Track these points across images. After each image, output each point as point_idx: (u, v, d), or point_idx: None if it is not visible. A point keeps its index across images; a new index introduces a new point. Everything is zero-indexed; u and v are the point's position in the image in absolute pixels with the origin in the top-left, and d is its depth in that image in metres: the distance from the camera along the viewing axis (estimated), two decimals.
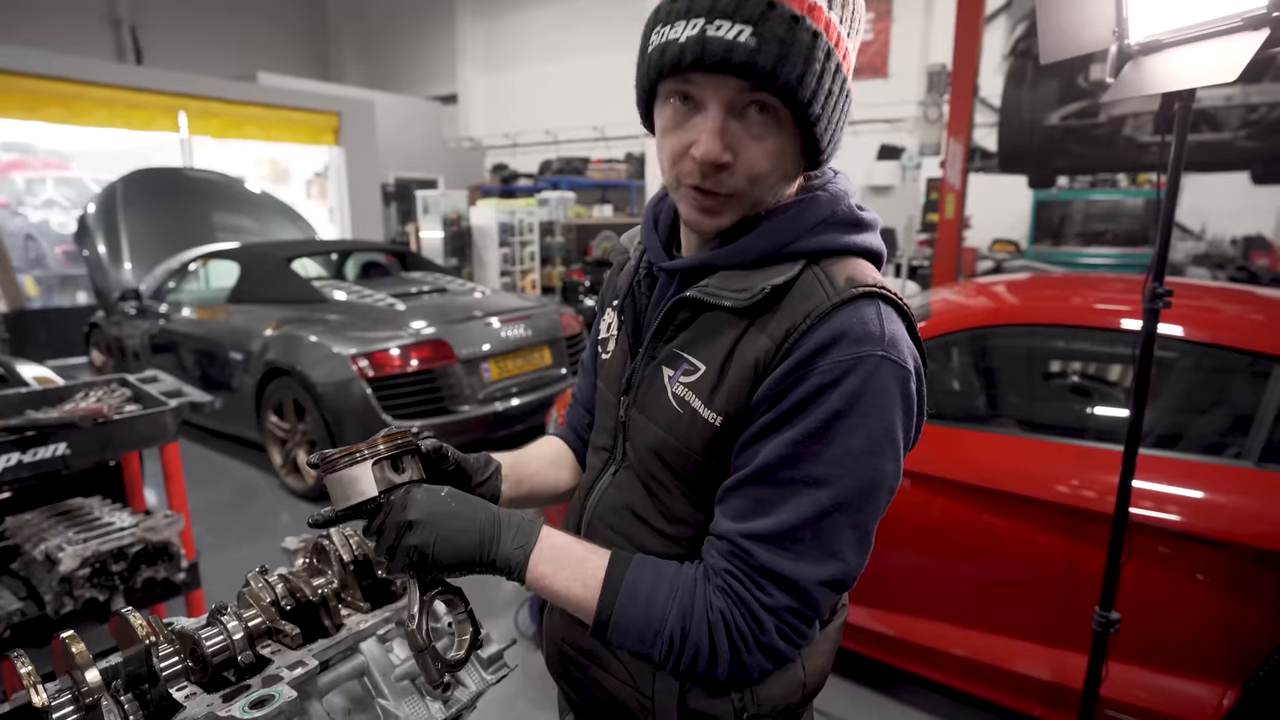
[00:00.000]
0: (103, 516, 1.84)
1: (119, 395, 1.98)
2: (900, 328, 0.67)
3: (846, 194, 0.75)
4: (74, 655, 0.78)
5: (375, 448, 0.71)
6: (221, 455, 4.48)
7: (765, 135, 0.65)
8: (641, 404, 0.79)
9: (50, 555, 1.61)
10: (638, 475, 0.80)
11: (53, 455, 1.62)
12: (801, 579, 0.66)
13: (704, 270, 0.75)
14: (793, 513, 0.65)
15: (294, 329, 3.81)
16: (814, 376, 0.64)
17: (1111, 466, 1.76)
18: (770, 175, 0.68)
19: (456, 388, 3.66)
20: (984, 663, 1.94)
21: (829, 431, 0.64)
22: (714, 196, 0.68)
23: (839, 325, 0.65)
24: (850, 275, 0.69)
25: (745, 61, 0.60)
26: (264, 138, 8.98)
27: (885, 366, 0.64)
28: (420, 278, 4.97)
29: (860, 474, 0.65)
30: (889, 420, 0.65)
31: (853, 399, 0.64)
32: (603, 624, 0.70)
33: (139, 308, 4.89)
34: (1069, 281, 2.74)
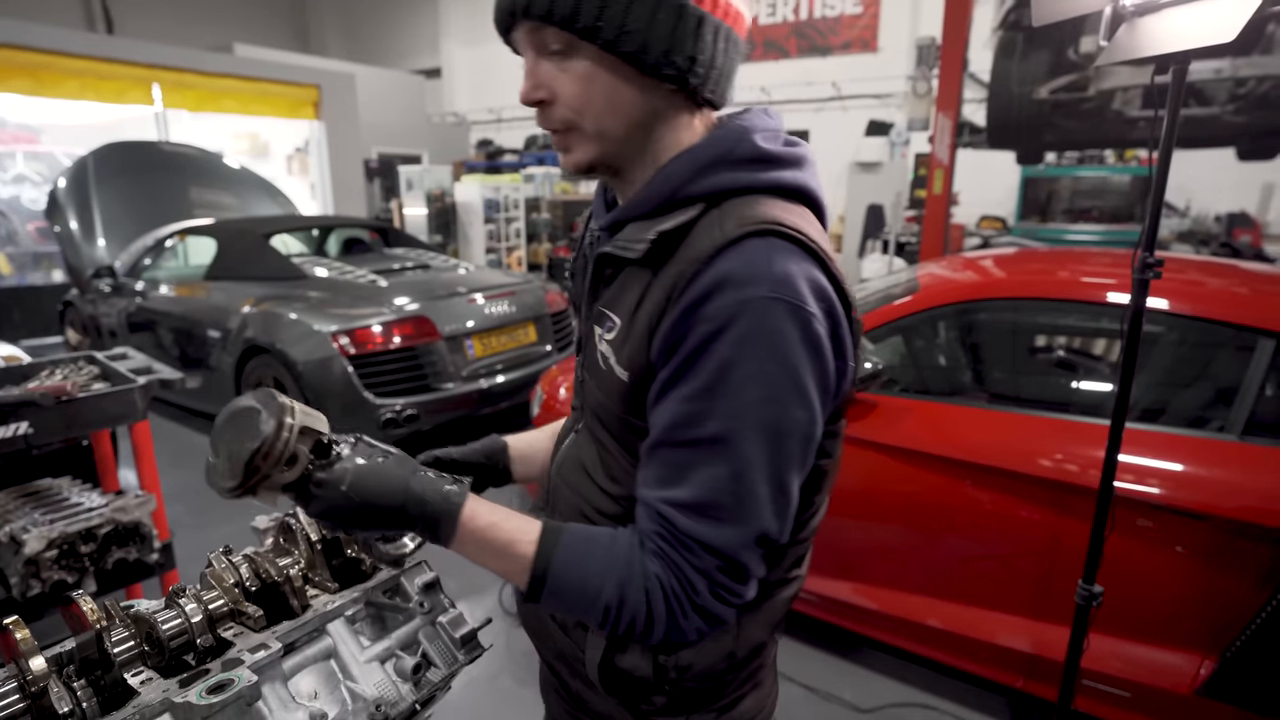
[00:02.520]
0: (71, 497, 1.80)
1: (86, 373, 1.92)
2: (798, 265, 0.63)
3: (751, 130, 0.70)
4: (18, 642, 0.74)
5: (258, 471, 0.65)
6: (200, 435, 4.42)
7: (568, 65, 0.67)
8: (587, 364, 0.79)
9: (15, 537, 1.56)
10: (591, 432, 0.81)
11: (14, 434, 1.57)
12: (725, 544, 0.64)
13: (621, 224, 0.74)
14: (705, 479, 0.64)
15: (273, 306, 3.74)
16: (700, 326, 0.62)
17: (1095, 440, 1.75)
18: (595, 104, 0.67)
19: (440, 365, 3.61)
20: (966, 635, 1.95)
21: (723, 384, 0.62)
22: (557, 134, 0.71)
23: (723, 268, 0.62)
24: (744, 214, 0.65)
25: (511, 8, 0.66)
26: (242, 111, 8.76)
27: (776, 307, 0.61)
28: (403, 254, 4.89)
29: (763, 426, 0.62)
30: (789, 365, 0.62)
31: (742, 346, 0.61)
32: (536, 592, 0.69)
33: (114, 285, 4.78)
34: (1055, 256, 2.73)
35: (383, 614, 0.96)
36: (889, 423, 2.01)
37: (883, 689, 2.17)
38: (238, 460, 0.64)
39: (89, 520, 1.63)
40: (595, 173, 0.74)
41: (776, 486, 0.64)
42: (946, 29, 4.91)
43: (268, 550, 0.99)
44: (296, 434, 0.65)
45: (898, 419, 2.01)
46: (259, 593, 0.92)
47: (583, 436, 0.82)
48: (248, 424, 0.64)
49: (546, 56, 0.67)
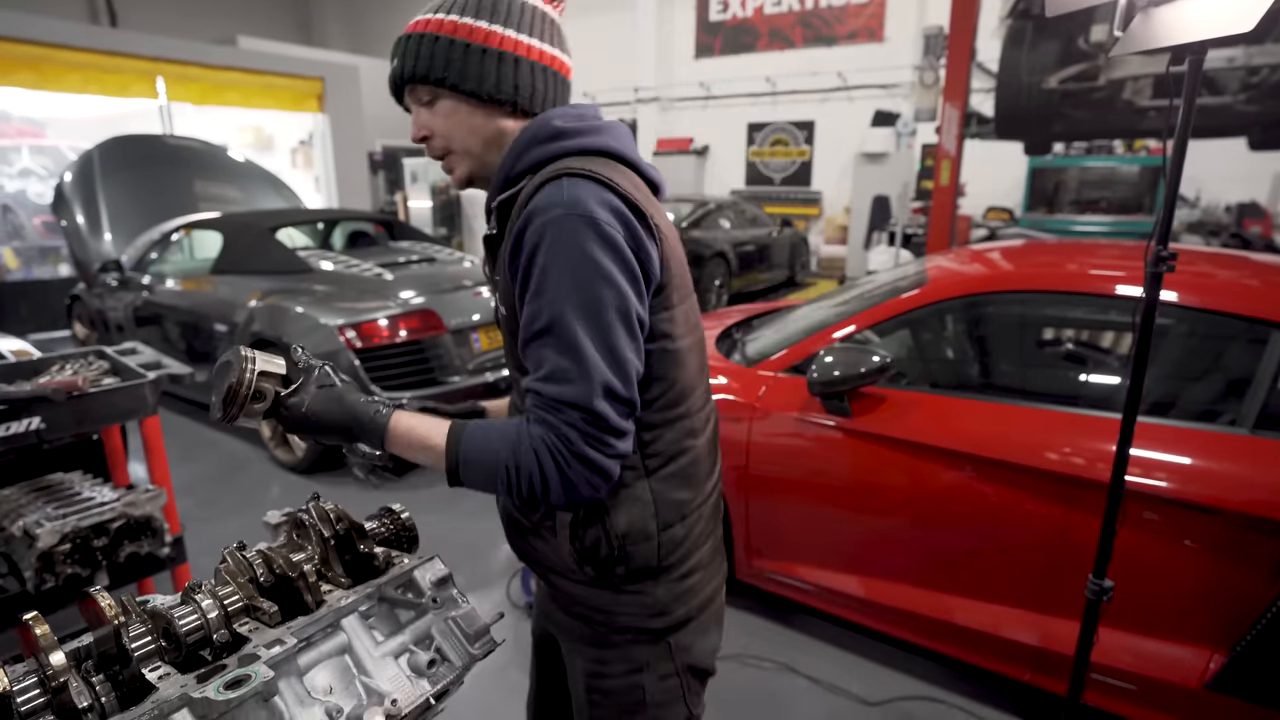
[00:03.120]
0: (83, 492, 1.81)
1: (96, 368, 1.93)
2: (586, 191, 0.83)
3: (551, 117, 0.92)
4: (38, 637, 0.75)
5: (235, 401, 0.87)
6: (210, 428, 4.44)
7: (434, 108, 0.93)
8: (501, 326, 1.01)
9: (29, 531, 1.57)
10: (516, 380, 1.02)
11: (26, 429, 1.57)
12: (578, 398, 0.82)
13: (491, 214, 0.96)
14: (551, 355, 0.83)
15: (280, 300, 3.74)
16: (523, 249, 0.84)
17: (1104, 434, 1.75)
18: (456, 132, 0.93)
19: (446, 358, 3.61)
20: (974, 629, 1.95)
21: (544, 282, 0.83)
22: (441, 159, 0.97)
23: (532, 206, 0.84)
24: (551, 170, 0.86)
25: (396, 75, 0.94)
26: (246, 104, 8.76)
27: (570, 220, 0.82)
28: (408, 247, 4.88)
29: (579, 304, 0.82)
30: (588, 258, 0.81)
31: (549, 252, 0.82)
32: (453, 477, 0.88)
33: (121, 279, 4.79)
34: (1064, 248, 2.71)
35: (396, 609, 0.96)
36: (896, 416, 2.01)
37: (890, 682, 2.17)
38: (219, 397, 0.88)
39: (101, 515, 1.64)
40: (474, 184, 0.98)
41: (605, 348, 0.83)
42: (954, 18, 4.87)
43: (281, 545, 1.00)
44: (256, 378, 0.88)
45: (905, 412, 2.01)
46: (273, 588, 0.92)
47: (515, 389, 1.04)
48: (226, 372, 0.88)
49: (423, 106, 0.94)
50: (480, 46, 0.91)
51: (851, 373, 1.97)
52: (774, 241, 8.93)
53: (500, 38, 0.91)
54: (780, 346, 2.38)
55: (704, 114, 12.58)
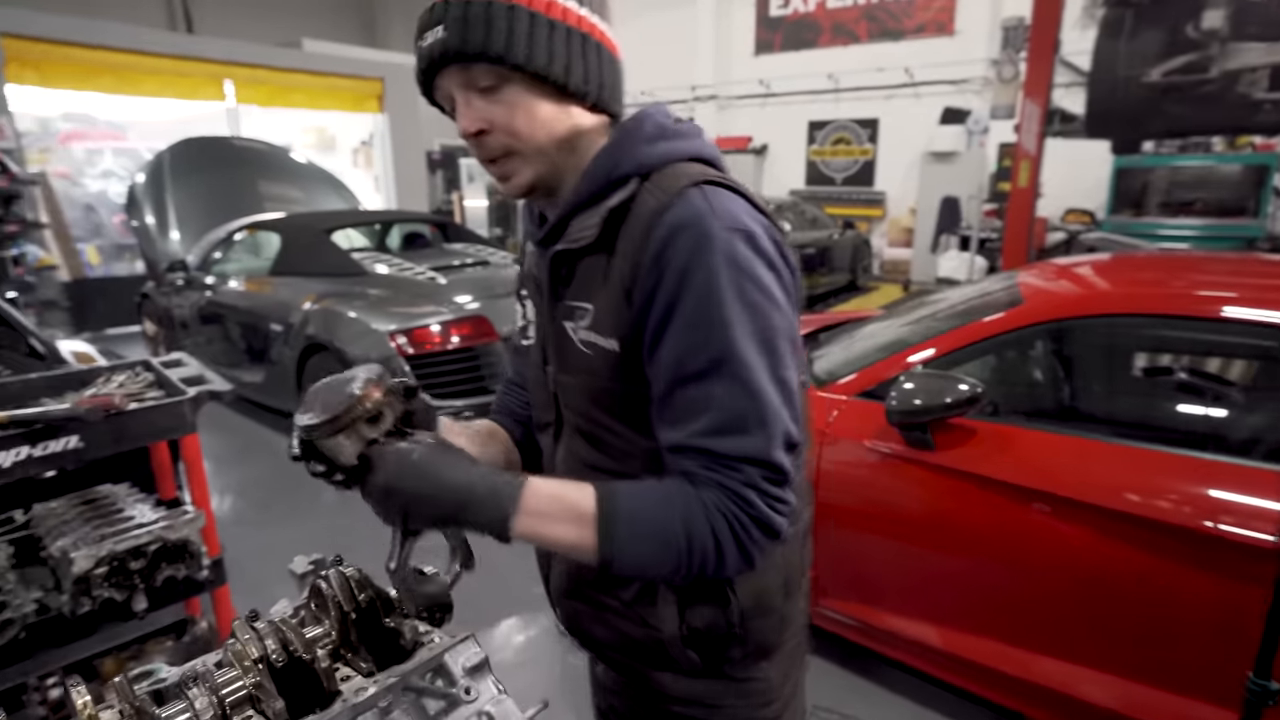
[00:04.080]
0: (125, 509, 1.76)
1: (142, 380, 1.88)
2: (735, 203, 0.72)
3: (648, 115, 0.80)
4: None
5: (353, 411, 0.68)
6: (268, 429, 4.49)
7: (497, 95, 0.74)
8: (561, 364, 0.83)
9: (65, 554, 1.52)
10: (580, 431, 0.84)
11: (64, 449, 1.52)
12: (760, 451, 0.70)
13: (562, 226, 0.80)
14: (721, 400, 0.70)
15: (333, 303, 3.73)
16: (670, 269, 0.70)
17: (1243, 484, 1.51)
18: (526, 127, 0.75)
19: (498, 366, 3.53)
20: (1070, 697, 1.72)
21: (705, 310, 0.69)
22: (495, 162, 0.78)
23: (674, 217, 0.71)
24: (675, 176, 0.74)
25: (443, 49, 0.72)
26: (309, 105, 8.94)
27: (729, 235, 0.70)
28: (462, 249, 4.84)
29: (753, 335, 0.69)
30: (755, 279, 0.70)
31: (711, 274, 0.69)
32: (608, 559, 0.71)
33: (186, 279, 4.90)
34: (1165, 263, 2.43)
35: (423, 698, 0.83)
36: (986, 452, 1.80)
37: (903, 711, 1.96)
38: (332, 404, 0.68)
39: (137, 539, 1.58)
40: (535, 193, 0.80)
41: (780, 385, 0.71)
42: (1037, 8, 4.53)
43: (299, 615, 0.88)
44: (389, 395, 0.71)
45: (996, 448, 1.80)
46: (285, 668, 0.81)
47: (571, 441, 0.86)
48: (346, 380, 0.70)
49: (477, 92, 0.74)
50: (558, 23, 0.73)
51: (936, 402, 1.77)
52: (835, 244, 8.62)
53: (577, 16, 0.75)
54: (852, 368, 2.19)
55: (763, 112, 12.29)
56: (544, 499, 0.70)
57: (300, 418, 0.68)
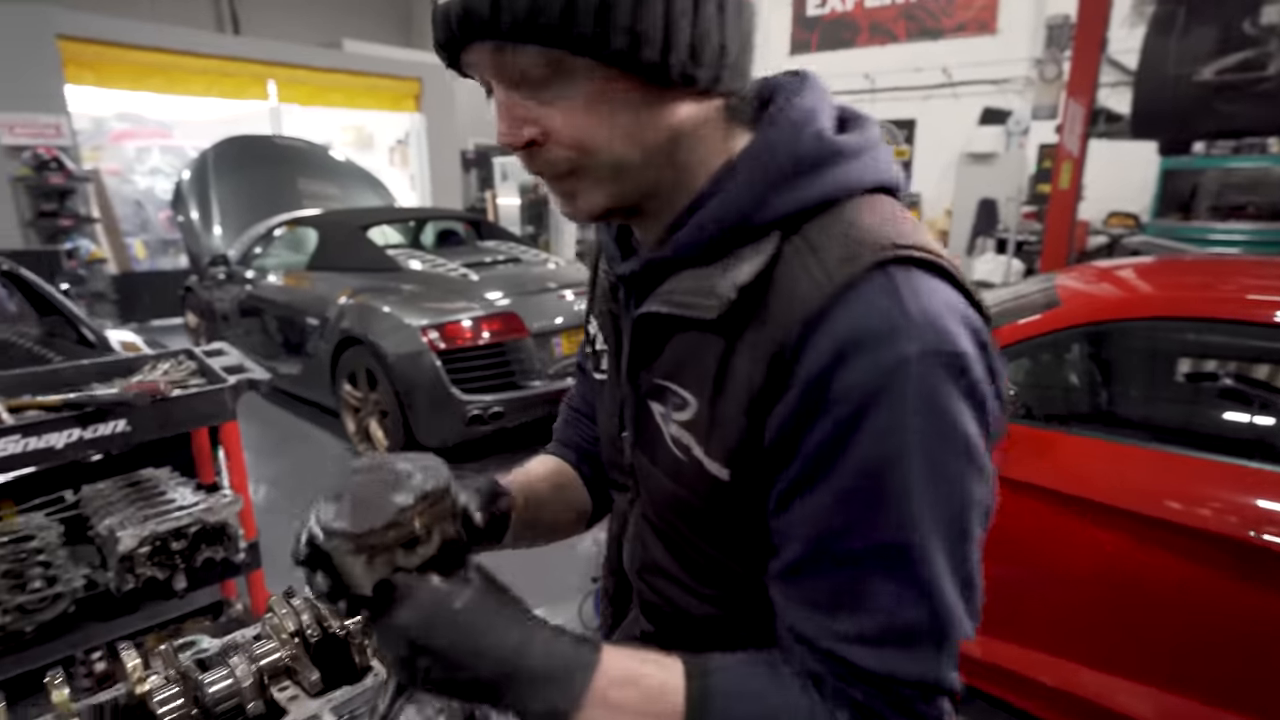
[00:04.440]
0: (168, 492, 1.82)
1: (185, 368, 1.94)
2: (938, 295, 0.48)
3: (810, 116, 0.54)
4: (55, 705, 0.67)
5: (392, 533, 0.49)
6: (305, 420, 4.59)
7: (553, 90, 0.50)
8: (643, 445, 0.63)
9: (112, 533, 1.58)
10: (655, 527, 0.65)
11: (113, 432, 1.58)
12: (925, 673, 0.49)
13: (661, 271, 0.57)
14: (883, 601, 0.48)
15: (368, 298, 3.80)
16: (833, 409, 0.47)
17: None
18: (604, 134, 0.50)
19: (527, 362, 3.56)
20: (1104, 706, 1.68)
21: (880, 478, 0.47)
22: (557, 181, 0.55)
23: (847, 327, 0.47)
24: (844, 242, 0.50)
25: (466, 19, 0.47)
26: (348, 105, 9.13)
27: (932, 366, 0.46)
28: (494, 247, 4.90)
29: (943, 519, 0.48)
30: (958, 434, 0.48)
31: (898, 428, 0.47)
32: None
33: (228, 272, 5.03)
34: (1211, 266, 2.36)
35: None
36: (1020, 457, 1.76)
37: None
38: (368, 513, 0.49)
39: (179, 520, 1.63)
40: (610, 217, 0.58)
41: (964, 581, 0.50)
42: (1084, 5, 4.42)
43: None
44: (445, 518, 0.52)
45: (1031, 453, 1.76)
46: (320, 643, 0.83)
47: (645, 528, 0.66)
48: (394, 482, 0.51)
49: (518, 87, 0.50)
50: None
51: None
52: None
53: None
54: None
55: None
56: (617, 684, 0.50)
57: (324, 512, 0.49)
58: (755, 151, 0.54)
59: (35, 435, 1.48)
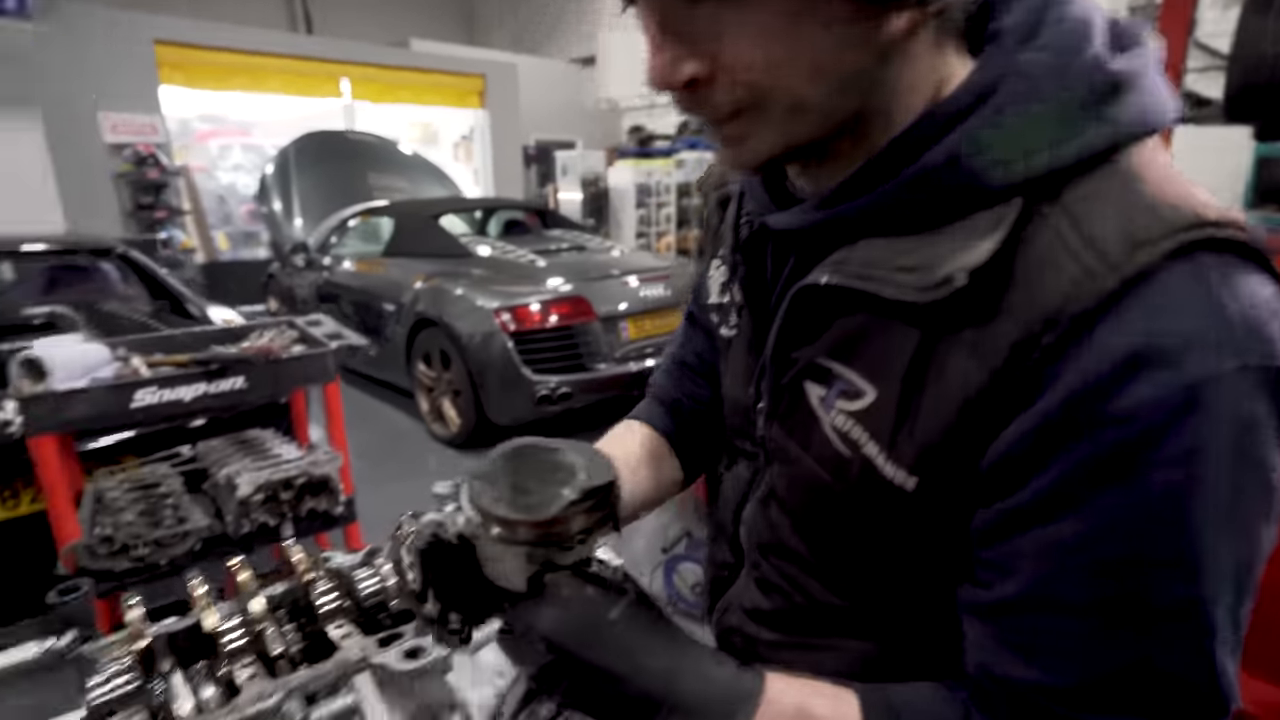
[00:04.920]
0: (274, 448, 1.97)
1: (288, 336, 2.09)
2: (1260, 294, 0.38)
3: (1080, 40, 0.41)
4: (241, 584, 0.77)
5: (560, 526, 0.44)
6: (376, 400, 4.80)
7: (740, 14, 0.40)
8: (787, 424, 0.55)
9: (230, 480, 1.72)
10: (788, 508, 0.58)
11: (232, 388, 1.72)
12: None
13: (837, 232, 0.47)
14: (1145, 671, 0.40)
15: (442, 282, 3.95)
16: (1109, 431, 0.37)
17: None
18: (793, 59, 0.40)
19: (594, 345, 3.65)
20: None
21: (1165, 518, 0.38)
22: (721, 124, 0.45)
23: (1139, 330, 0.36)
24: (1126, 213, 0.38)
25: None
26: (416, 101, 9.44)
27: (1248, 383, 0.36)
28: (560, 235, 5.01)
29: (1230, 571, 0.39)
30: (1264, 467, 0.38)
31: (1197, 459, 0.37)
32: None
33: (307, 260, 5.29)
34: None
35: None
36: None
37: None
38: (537, 500, 0.44)
39: (288, 471, 1.76)
40: (784, 162, 0.49)
41: (1237, 638, 0.41)
42: None
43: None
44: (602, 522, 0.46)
45: None
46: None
47: (774, 509, 0.60)
48: (564, 470, 0.46)
49: (687, 8, 0.41)
50: None
51: None
52: None
53: None
54: None
55: None
56: (788, 713, 0.44)
57: (482, 495, 0.44)
58: (996, 82, 0.41)
59: (169, 388, 1.63)
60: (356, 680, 0.72)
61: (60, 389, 1.55)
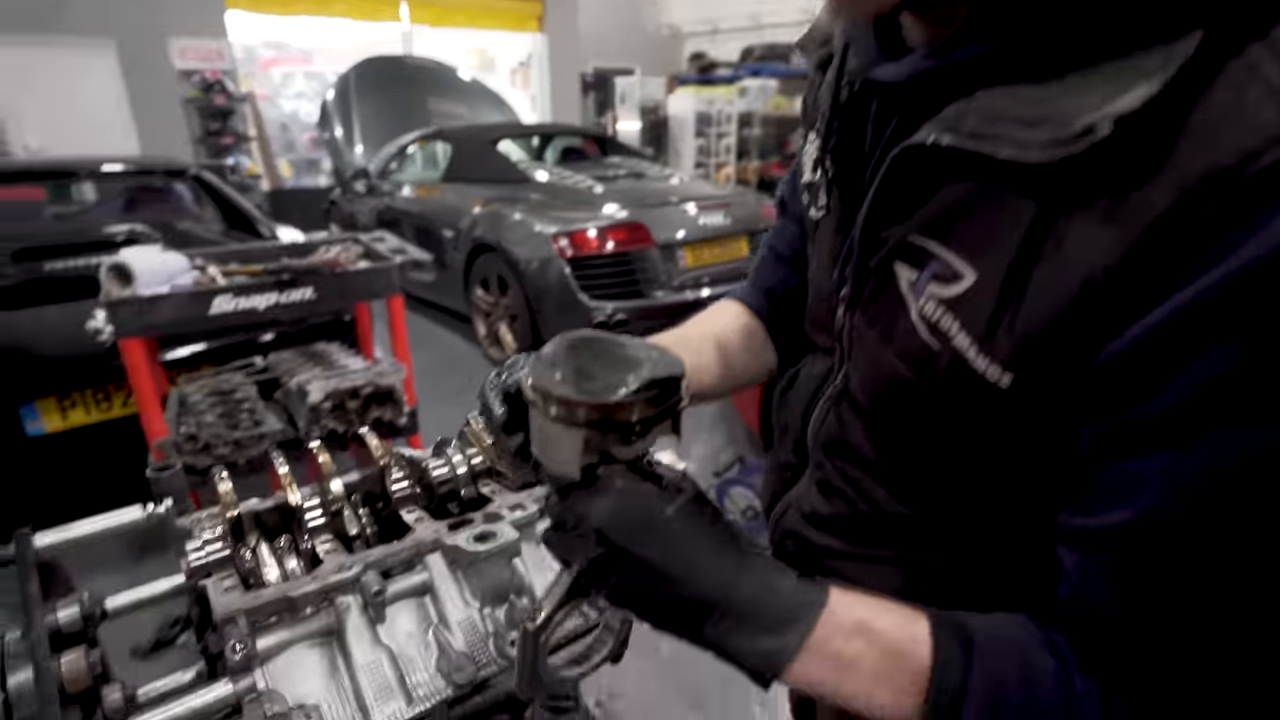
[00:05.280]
0: (341, 360, 2.03)
1: (353, 251, 2.13)
2: None
3: None
4: (321, 465, 0.80)
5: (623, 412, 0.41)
6: (434, 324, 4.91)
7: None
8: (869, 311, 0.51)
9: (302, 387, 1.79)
10: (860, 412, 0.54)
11: (302, 299, 1.77)
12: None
13: (952, 83, 0.42)
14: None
15: (500, 207, 3.95)
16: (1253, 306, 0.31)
17: None
18: None
19: (651, 272, 3.62)
20: None
21: None
22: None
23: None
24: None
25: None
26: (473, 25, 9.26)
27: None
28: (618, 162, 4.92)
29: None
30: None
31: None
32: None
33: (368, 186, 5.35)
34: None
35: None
36: None
37: None
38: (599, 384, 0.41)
39: (355, 381, 1.82)
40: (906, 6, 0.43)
41: None
42: None
43: None
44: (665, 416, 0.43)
45: None
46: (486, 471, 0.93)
47: (846, 408, 0.56)
48: (629, 360, 0.43)
49: None
50: None
51: None
52: None
53: None
54: None
55: None
56: (846, 633, 0.41)
57: (543, 375, 0.42)
58: None
59: (244, 296, 1.69)
60: (429, 559, 0.74)
61: (145, 294, 1.61)
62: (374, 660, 0.66)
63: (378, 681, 0.65)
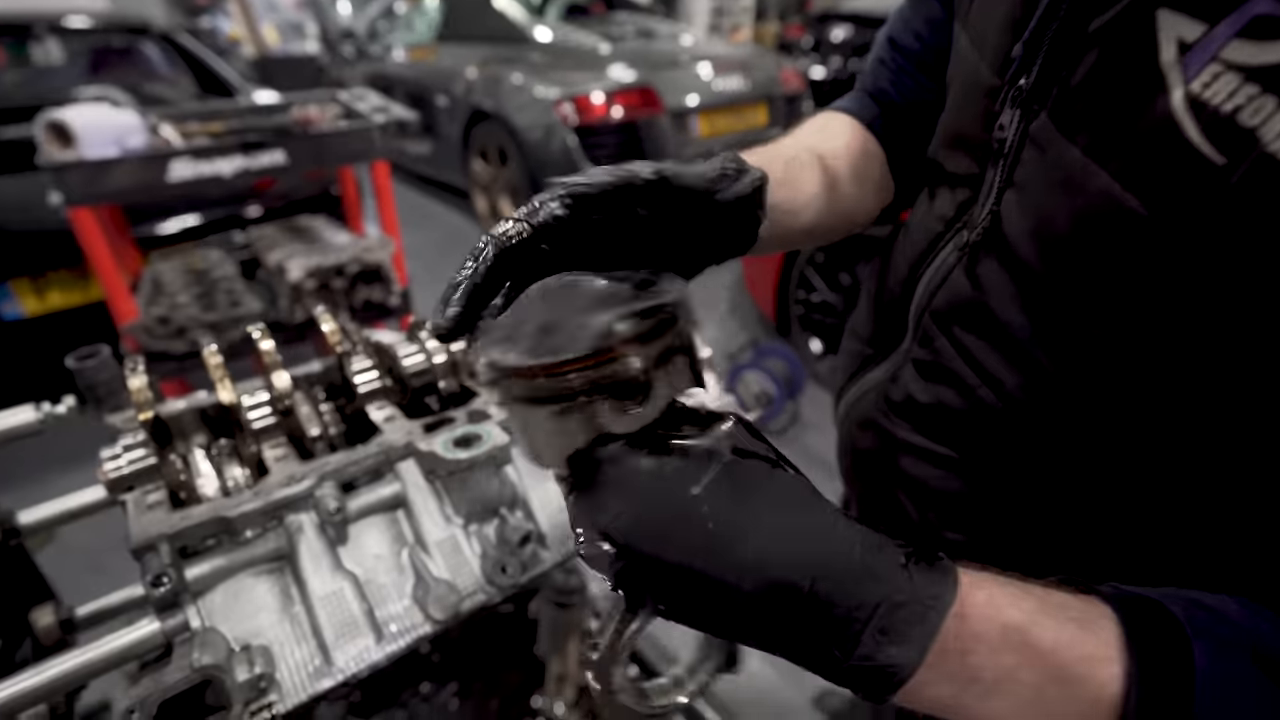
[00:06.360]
0: (326, 235, 1.86)
1: (332, 110, 1.90)
2: None
3: None
4: (264, 353, 0.65)
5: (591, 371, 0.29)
6: (431, 200, 4.65)
7: None
8: (1073, 106, 0.35)
9: (281, 265, 1.64)
10: (1016, 266, 0.39)
11: (272, 163, 1.57)
12: None
13: None
14: None
15: (498, 69, 3.60)
16: None
17: None
18: None
19: (662, 141, 3.33)
20: None
21: None
22: None
23: None
24: None
25: None
26: None
27: None
28: (625, 19, 4.47)
29: None
30: None
31: None
32: None
33: (356, 49, 4.92)
34: None
35: None
36: None
37: None
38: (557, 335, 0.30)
39: (339, 257, 1.66)
40: None
41: None
42: None
43: None
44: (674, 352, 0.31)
45: None
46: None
47: (991, 265, 0.41)
48: (602, 292, 0.33)
49: None
50: None
51: None
52: None
53: None
54: None
55: None
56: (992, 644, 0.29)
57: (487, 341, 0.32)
58: None
59: (205, 159, 1.49)
60: (400, 467, 0.61)
61: (91, 158, 1.42)
62: (335, 590, 0.55)
63: (340, 616, 0.54)
